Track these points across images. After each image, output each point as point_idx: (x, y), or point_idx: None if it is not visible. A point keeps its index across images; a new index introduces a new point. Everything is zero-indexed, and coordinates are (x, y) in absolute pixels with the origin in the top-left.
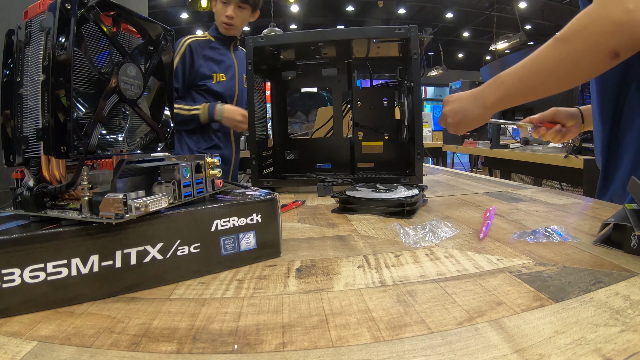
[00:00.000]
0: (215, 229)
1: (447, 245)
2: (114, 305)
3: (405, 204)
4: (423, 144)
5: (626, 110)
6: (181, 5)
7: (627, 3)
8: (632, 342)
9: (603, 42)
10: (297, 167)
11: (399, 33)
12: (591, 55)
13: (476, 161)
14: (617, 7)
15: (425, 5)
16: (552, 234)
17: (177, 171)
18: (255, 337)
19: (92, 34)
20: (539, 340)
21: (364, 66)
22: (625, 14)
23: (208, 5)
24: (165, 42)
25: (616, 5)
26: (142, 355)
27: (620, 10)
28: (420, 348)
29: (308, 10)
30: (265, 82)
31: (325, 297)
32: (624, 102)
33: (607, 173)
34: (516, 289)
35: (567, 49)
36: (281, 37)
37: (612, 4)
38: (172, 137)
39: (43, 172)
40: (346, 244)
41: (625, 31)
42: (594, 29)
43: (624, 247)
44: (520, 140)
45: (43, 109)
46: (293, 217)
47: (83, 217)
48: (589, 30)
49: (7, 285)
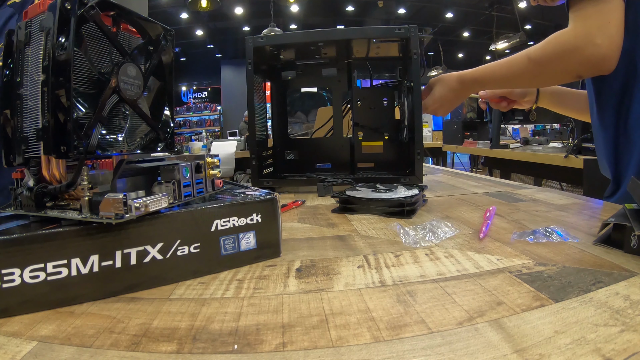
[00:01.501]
0: (215, 229)
1: (447, 245)
2: (114, 305)
3: (405, 204)
4: (423, 144)
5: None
6: (181, 5)
7: (595, 38)
8: (632, 342)
9: (571, 69)
10: (297, 167)
11: (399, 33)
12: (559, 76)
13: (477, 161)
14: (586, 41)
15: (425, 5)
16: (552, 234)
17: (177, 171)
18: (255, 337)
19: (92, 34)
20: (539, 340)
21: (364, 66)
22: (593, 48)
23: (208, 5)
24: (165, 42)
25: (586, 39)
26: (142, 355)
27: (590, 45)
28: (420, 348)
29: (308, 10)
30: (265, 82)
31: (325, 297)
32: (630, 105)
33: (618, 175)
34: (516, 289)
35: (539, 70)
36: (281, 37)
37: (582, 37)
38: (172, 137)
39: (43, 172)
40: (346, 244)
41: (591, 63)
42: (566, 59)
43: (624, 247)
44: (520, 140)
45: (43, 109)
46: (293, 217)
47: (83, 217)
48: (561, 59)
49: (7, 285)
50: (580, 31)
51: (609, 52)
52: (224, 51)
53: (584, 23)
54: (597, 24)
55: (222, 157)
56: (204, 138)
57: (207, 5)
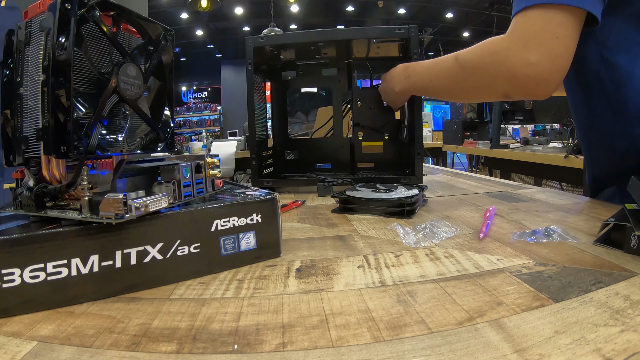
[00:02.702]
0: (215, 229)
1: (447, 245)
2: (114, 305)
3: (405, 204)
4: (423, 144)
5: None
6: (181, 5)
7: (530, 55)
8: (632, 342)
9: (497, 85)
10: (297, 167)
11: (399, 33)
12: (483, 90)
13: (476, 161)
14: (518, 57)
15: (425, 5)
16: (552, 234)
17: (177, 171)
18: (255, 337)
19: (92, 34)
20: (539, 340)
21: (364, 66)
22: (525, 67)
23: (208, 5)
24: (165, 42)
25: (518, 54)
26: (142, 355)
27: (521, 61)
28: (420, 348)
29: (308, 10)
30: (265, 82)
31: (325, 297)
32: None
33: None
34: (516, 289)
35: (463, 76)
36: (281, 37)
37: (515, 50)
38: (172, 137)
39: (43, 172)
40: (346, 244)
41: (519, 84)
42: (492, 71)
43: (624, 247)
44: (520, 140)
45: (43, 109)
46: (293, 217)
47: (83, 217)
48: (487, 71)
49: (7, 285)
50: (516, 42)
51: (547, 75)
52: (224, 51)
53: (523, 31)
54: (537, 37)
55: (222, 157)
56: (204, 138)
57: (207, 5)
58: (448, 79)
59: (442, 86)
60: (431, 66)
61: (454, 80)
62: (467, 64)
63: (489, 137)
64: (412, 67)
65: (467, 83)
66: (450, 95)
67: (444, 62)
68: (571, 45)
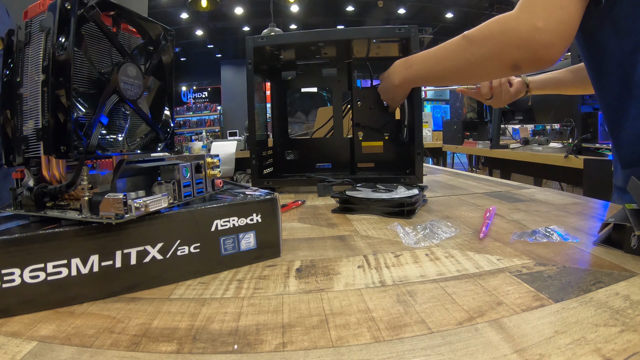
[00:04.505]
0: (215, 229)
1: (447, 245)
2: (114, 305)
3: (405, 204)
4: (423, 144)
5: None
6: (181, 5)
7: (537, 20)
8: (632, 342)
9: (506, 54)
10: (297, 167)
11: (399, 33)
12: (492, 62)
13: (476, 161)
14: (527, 23)
15: (425, 5)
16: (552, 234)
17: (177, 171)
18: (255, 337)
19: (92, 34)
20: (539, 340)
21: (364, 66)
22: (533, 31)
23: (208, 5)
24: (165, 42)
25: (527, 21)
26: (142, 355)
27: (529, 27)
28: (420, 348)
29: (308, 10)
30: (265, 82)
31: (325, 297)
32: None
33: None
34: (516, 289)
35: (471, 50)
36: (281, 37)
37: (523, 19)
38: (172, 137)
39: (43, 172)
40: (346, 244)
41: (528, 48)
42: (501, 39)
43: (624, 247)
44: (520, 140)
45: (43, 109)
46: (293, 217)
47: (83, 217)
48: (496, 39)
49: (7, 285)
50: (523, 11)
51: (553, 39)
52: (224, 51)
53: (530, 3)
54: (544, 5)
55: (222, 157)
56: (204, 138)
57: (207, 5)
58: (455, 56)
59: (449, 66)
60: (436, 50)
61: (462, 56)
62: (475, 37)
63: (489, 137)
64: (412, 58)
65: (475, 56)
66: (456, 75)
67: (450, 43)
68: (575, 15)
